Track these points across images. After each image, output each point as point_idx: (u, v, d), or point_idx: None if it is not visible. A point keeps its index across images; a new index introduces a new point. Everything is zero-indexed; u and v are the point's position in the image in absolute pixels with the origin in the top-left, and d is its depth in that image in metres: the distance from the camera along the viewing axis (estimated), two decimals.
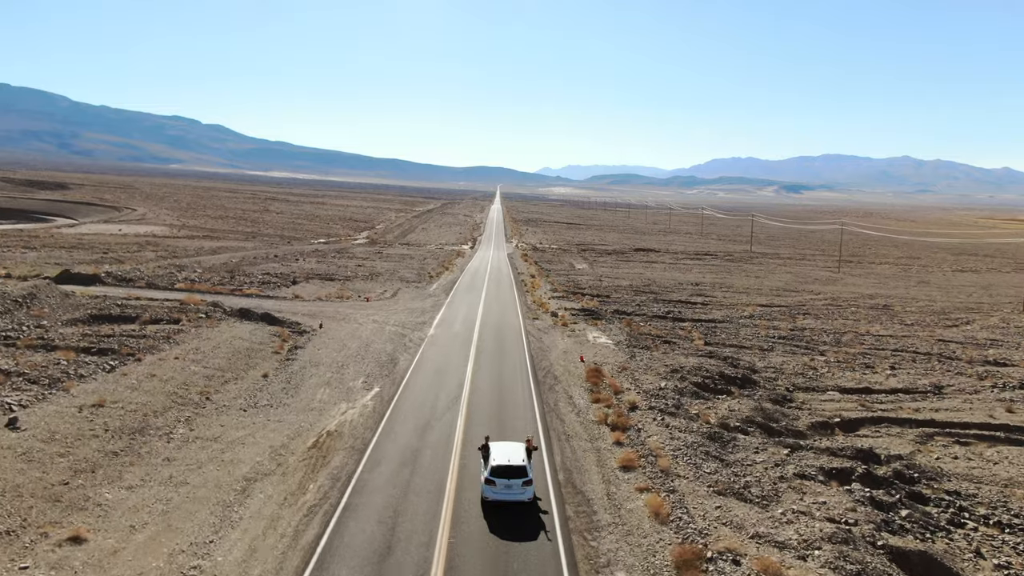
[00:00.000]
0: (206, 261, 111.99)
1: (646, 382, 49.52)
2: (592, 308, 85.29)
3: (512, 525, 28.80)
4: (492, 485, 29.68)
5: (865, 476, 35.09)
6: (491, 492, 29.73)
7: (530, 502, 30.18)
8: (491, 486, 29.71)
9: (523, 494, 29.74)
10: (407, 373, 51.14)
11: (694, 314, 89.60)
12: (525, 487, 29.78)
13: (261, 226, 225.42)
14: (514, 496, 29.64)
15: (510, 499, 29.70)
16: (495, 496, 29.69)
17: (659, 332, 74.39)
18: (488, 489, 29.82)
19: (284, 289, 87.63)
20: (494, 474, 29.73)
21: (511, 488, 29.57)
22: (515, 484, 29.59)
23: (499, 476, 29.65)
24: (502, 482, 29.56)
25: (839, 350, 72.49)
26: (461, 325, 71.20)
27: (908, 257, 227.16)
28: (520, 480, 29.68)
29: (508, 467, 29.83)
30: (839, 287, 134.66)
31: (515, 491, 29.61)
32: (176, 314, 62.92)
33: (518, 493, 29.64)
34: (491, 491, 29.73)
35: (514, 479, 29.62)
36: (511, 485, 29.56)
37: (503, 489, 29.57)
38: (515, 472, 29.75)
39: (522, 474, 29.81)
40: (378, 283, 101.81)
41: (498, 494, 29.64)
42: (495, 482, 29.62)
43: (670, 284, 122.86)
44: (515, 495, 29.63)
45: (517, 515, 29.65)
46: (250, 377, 48.18)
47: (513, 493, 29.61)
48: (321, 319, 68.62)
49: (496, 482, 29.61)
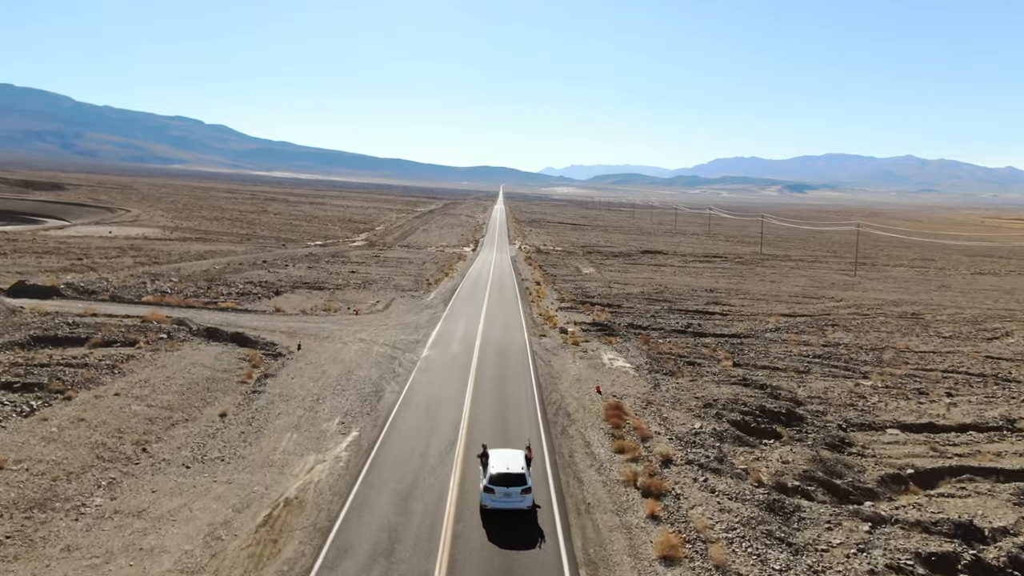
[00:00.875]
0: (188, 268, 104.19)
1: (677, 422, 41.49)
2: (604, 322, 77.30)
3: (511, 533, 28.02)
4: (491, 493, 29.49)
5: (974, 565, 27.12)
6: (490, 500, 29.53)
7: (529, 510, 29.92)
8: (490, 494, 29.51)
9: (522, 502, 29.54)
10: (393, 410, 43.15)
11: (715, 327, 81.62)
12: (524, 495, 29.60)
13: (257, 228, 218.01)
14: (513, 504, 29.45)
15: (509, 507, 29.47)
16: (494, 504, 29.47)
17: (681, 351, 66.38)
18: (487, 497, 29.61)
19: (265, 301, 79.71)
20: (493, 482, 29.54)
21: (510, 496, 29.39)
22: (514, 492, 29.42)
23: (498, 484, 29.46)
24: (501, 490, 29.39)
25: (883, 371, 64.51)
26: (459, 344, 63.20)
27: (922, 259, 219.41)
28: (519, 488, 29.50)
29: (507, 475, 29.63)
30: (859, 293, 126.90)
31: (514, 499, 29.43)
32: (134, 334, 55.04)
33: (517, 501, 29.46)
34: (490, 499, 29.53)
35: (513, 487, 29.44)
36: (510, 493, 29.39)
37: (502, 497, 29.40)
38: (514, 480, 29.57)
39: (521, 482, 29.62)
40: (371, 292, 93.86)
41: (497, 502, 29.45)
42: (494, 490, 29.44)
43: (683, 291, 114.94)
44: (514, 503, 29.45)
45: (516, 523, 29.00)
46: (204, 417, 40.19)
47: (512, 501, 29.43)
48: (301, 338, 60.72)
49: (495, 490, 29.44)
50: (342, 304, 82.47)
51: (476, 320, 76.23)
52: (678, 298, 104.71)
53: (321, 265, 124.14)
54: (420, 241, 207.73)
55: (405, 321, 73.58)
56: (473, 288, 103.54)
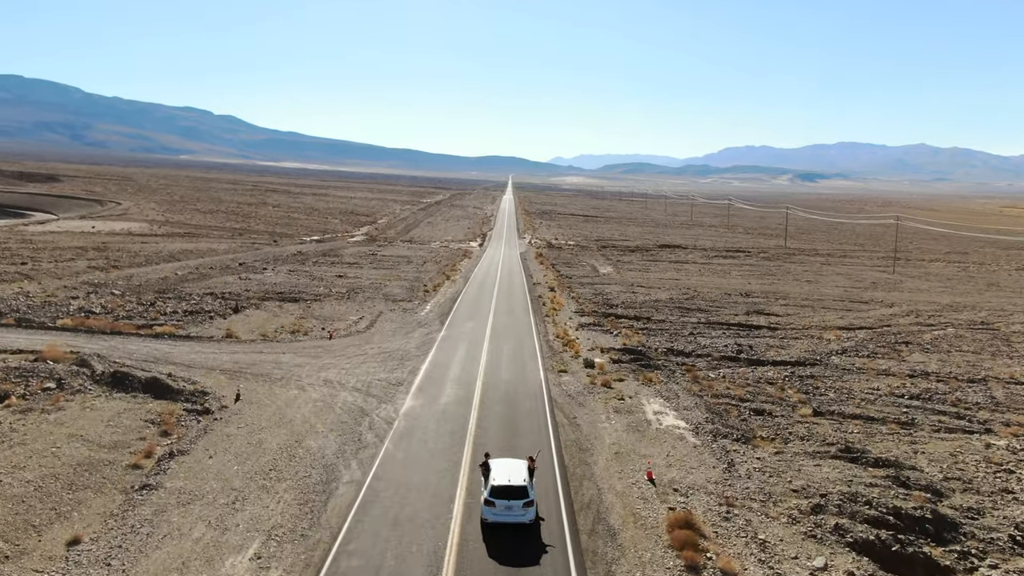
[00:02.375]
0: (144, 275, 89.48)
1: (786, 553, 26.49)
2: (637, 347, 62.16)
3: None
4: (491, 506, 28.00)
5: None
6: (491, 514, 28.04)
7: (531, 524, 28.26)
8: (491, 507, 28.02)
9: (524, 516, 28.04)
10: (343, 526, 28.24)
11: (768, 348, 66.56)
12: (526, 508, 28.09)
13: (252, 221, 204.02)
14: (514, 518, 27.98)
15: (510, 521, 27.95)
16: (495, 518, 27.99)
17: (741, 391, 51.23)
18: (487, 511, 28.10)
19: (219, 321, 64.79)
20: (494, 495, 28.06)
21: (511, 510, 27.94)
22: (515, 505, 27.94)
23: (499, 497, 28.00)
24: (502, 503, 27.94)
25: (1006, 418, 49.54)
26: (454, 389, 48.03)
27: (957, 252, 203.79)
28: (521, 501, 28.00)
29: (508, 487, 28.15)
30: (907, 294, 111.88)
31: (515, 513, 27.96)
32: (9, 383, 40.44)
33: (519, 515, 28.00)
34: (491, 513, 28.04)
35: (514, 500, 27.95)
36: (511, 506, 27.92)
37: (503, 511, 27.97)
38: (516, 493, 28.08)
39: (523, 495, 28.12)
40: (355, 304, 79.08)
41: (498, 516, 27.99)
42: (495, 503, 27.97)
43: (715, 295, 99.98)
44: (515, 517, 27.98)
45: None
46: (39, 551, 25.44)
47: (513, 515, 27.98)
48: (246, 380, 45.98)
49: (496, 503, 27.97)
50: (316, 322, 67.68)
51: (479, 345, 61.29)
52: (713, 306, 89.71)
53: (306, 267, 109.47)
54: (424, 235, 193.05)
55: (389, 348, 58.71)
56: (477, 297, 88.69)
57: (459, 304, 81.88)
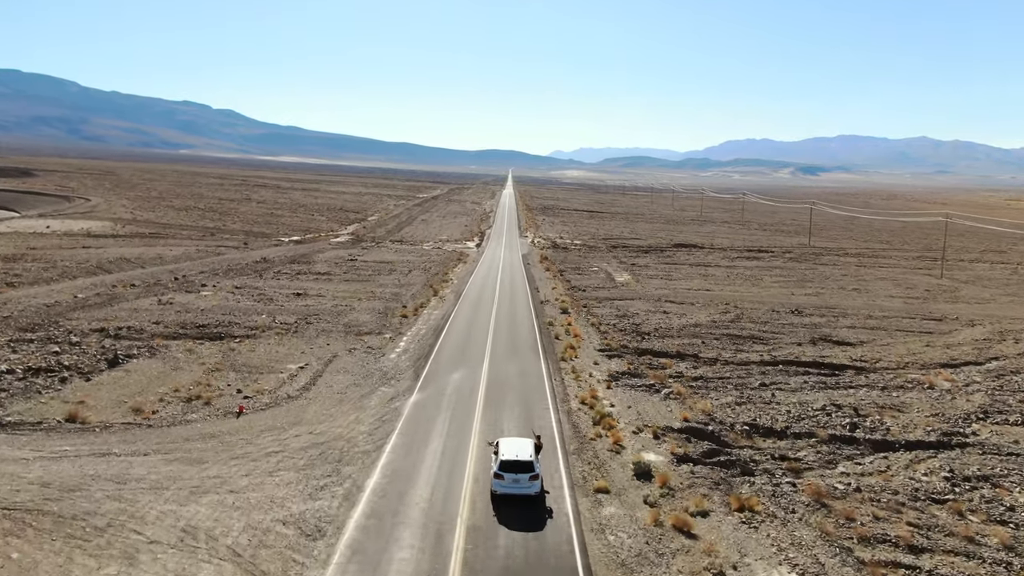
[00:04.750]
0: (30, 297, 71.39)
1: None
2: (707, 425, 42.97)
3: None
4: (500, 479, 30.20)
5: None
6: (499, 486, 30.30)
7: (537, 495, 30.41)
8: (499, 480, 30.25)
9: (530, 488, 30.26)
10: None
11: (876, 407, 48.12)
12: (532, 481, 30.29)
13: (229, 219, 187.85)
14: (521, 490, 30.16)
15: (517, 492, 30.17)
16: (503, 490, 30.25)
17: (906, 533, 30.19)
18: (496, 483, 30.39)
19: (74, 384, 46.28)
20: (502, 468, 30.29)
21: (518, 482, 30.08)
22: (522, 478, 30.10)
23: (507, 470, 30.17)
24: (510, 476, 30.03)
25: None
26: (413, 554, 27.10)
27: (993, 251, 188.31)
28: (527, 475, 30.21)
29: (516, 462, 30.39)
30: (976, 307, 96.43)
31: (522, 485, 30.15)
32: None
33: (525, 487, 30.19)
34: (499, 485, 30.29)
35: (521, 473, 30.12)
36: (518, 479, 30.06)
37: (511, 483, 30.09)
38: (522, 467, 30.31)
39: (529, 469, 30.39)
40: (302, 341, 61.32)
41: (506, 488, 30.17)
42: (503, 476, 30.13)
43: (760, 312, 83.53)
44: (522, 489, 30.17)
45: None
46: None
47: (520, 487, 30.14)
48: (27, 534, 25.46)
49: (504, 476, 30.09)
50: (234, 378, 49.66)
51: (466, 426, 41.63)
52: (767, 331, 72.82)
53: (260, 281, 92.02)
54: (416, 235, 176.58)
55: (326, 434, 39.75)
56: (469, 324, 70.99)
57: (444, 338, 64.29)
